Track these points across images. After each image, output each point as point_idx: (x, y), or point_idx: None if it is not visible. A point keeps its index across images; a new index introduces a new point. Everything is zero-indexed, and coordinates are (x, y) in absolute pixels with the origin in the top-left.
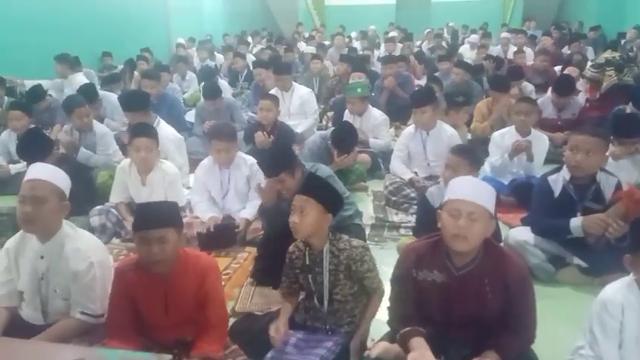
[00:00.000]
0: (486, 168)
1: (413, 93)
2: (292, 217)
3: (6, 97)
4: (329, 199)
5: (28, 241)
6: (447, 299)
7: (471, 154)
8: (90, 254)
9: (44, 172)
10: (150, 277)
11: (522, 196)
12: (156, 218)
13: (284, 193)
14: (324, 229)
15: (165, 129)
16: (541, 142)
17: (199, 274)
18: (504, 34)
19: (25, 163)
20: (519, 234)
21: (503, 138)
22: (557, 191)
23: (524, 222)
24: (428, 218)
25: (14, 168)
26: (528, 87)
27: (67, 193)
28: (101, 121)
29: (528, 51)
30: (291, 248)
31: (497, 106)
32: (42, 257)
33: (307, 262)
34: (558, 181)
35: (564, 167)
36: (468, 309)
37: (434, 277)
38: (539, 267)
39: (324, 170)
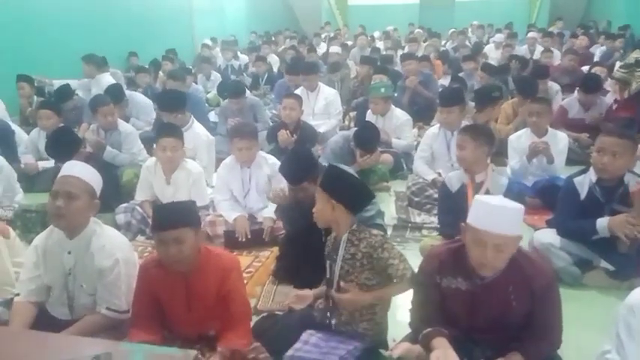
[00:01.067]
0: (507, 171)
1: (441, 92)
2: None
3: (35, 97)
4: (345, 193)
5: (56, 237)
6: (471, 306)
7: (479, 132)
8: (115, 251)
9: (78, 170)
10: (172, 274)
11: (547, 197)
12: (171, 219)
13: (305, 200)
14: (342, 218)
15: (199, 128)
16: (559, 141)
17: (221, 273)
18: (531, 34)
19: (52, 160)
20: (544, 236)
21: (520, 140)
22: (583, 193)
23: (550, 224)
24: (447, 203)
25: (42, 164)
26: (554, 87)
27: (98, 192)
28: (127, 120)
29: (555, 52)
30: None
31: (522, 109)
32: (69, 253)
33: (327, 253)
34: (585, 183)
35: (591, 169)
36: (491, 315)
37: (457, 285)
38: (565, 270)
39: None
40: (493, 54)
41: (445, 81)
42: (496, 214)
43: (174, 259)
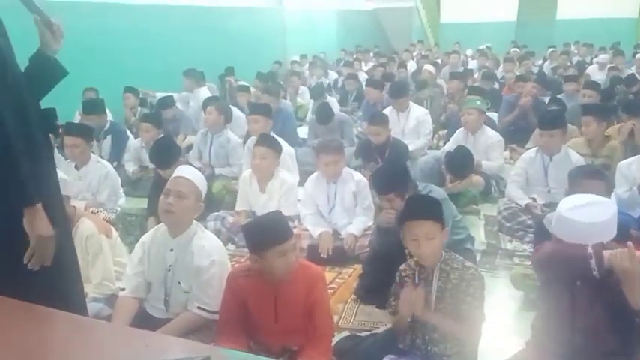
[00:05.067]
0: (613, 200)
1: (542, 114)
2: (420, 246)
3: (139, 108)
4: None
5: (161, 235)
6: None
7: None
8: (213, 252)
9: (190, 173)
10: (261, 284)
11: None
12: (287, 228)
13: (391, 215)
14: (440, 247)
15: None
16: None
17: (308, 283)
18: (639, 56)
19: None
20: None
21: (630, 168)
22: None
23: None
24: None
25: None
26: None
27: (203, 196)
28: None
29: None
30: (402, 266)
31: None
32: (171, 250)
33: (417, 281)
34: None
35: None
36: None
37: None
38: None
39: (438, 192)
40: (597, 75)
41: None
42: (585, 231)
43: (293, 266)
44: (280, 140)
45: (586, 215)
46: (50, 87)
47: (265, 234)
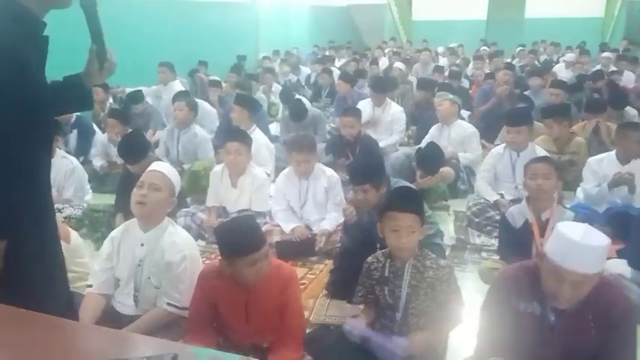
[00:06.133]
0: (579, 195)
1: (509, 111)
2: (401, 238)
3: (109, 102)
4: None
5: (132, 230)
6: (546, 335)
7: (556, 164)
8: (184, 248)
9: (164, 167)
10: (232, 287)
11: (619, 226)
12: (255, 240)
13: (363, 206)
14: (417, 242)
15: (260, 136)
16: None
17: (281, 284)
18: (605, 54)
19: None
20: (615, 267)
21: (601, 165)
22: None
23: (621, 254)
24: (509, 240)
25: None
26: (631, 112)
27: (177, 192)
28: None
29: (629, 74)
30: (370, 259)
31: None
32: (142, 245)
33: (386, 274)
34: None
35: None
36: (568, 346)
37: (533, 309)
38: (635, 303)
39: None
40: (563, 73)
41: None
42: (580, 252)
43: (259, 275)
44: (259, 132)
45: (597, 239)
46: (69, 112)
47: (235, 245)
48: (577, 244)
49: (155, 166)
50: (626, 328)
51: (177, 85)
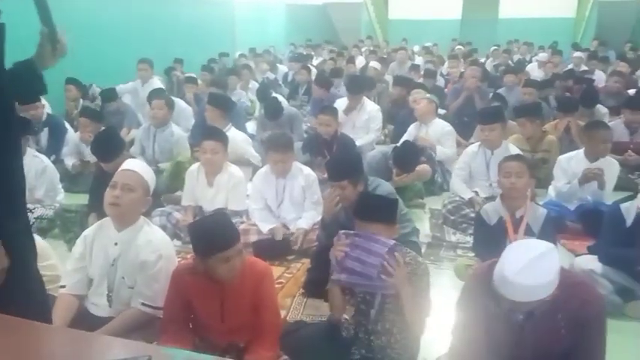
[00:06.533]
0: (551, 193)
1: (481, 109)
2: None
3: (82, 100)
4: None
5: (106, 229)
6: (517, 335)
7: (528, 161)
8: (160, 247)
9: (138, 166)
10: (207, 283)
11: (589, 223)
12: (228, 236)
13: (341, 202)
14: None
15: (236, 134)
16: (612, 167)
17: (255, 281)
18: (577, 54)
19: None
20: (585, 263)
21: (570, 162)
22: (629, 220)
23: (592, 250)
24: (484, 236)
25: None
26: (602, 109)
27: (152, 190)
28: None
29: (600, 73)
30: None
31: (575, 128)
32: (116, 244)
33: None
34: (631, 209)
35: (639, 195)
36: (539, 345)
37: (502, 309)
38: (606, 299)
39: (385, 187)
40: (536, 73)
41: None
42: (513, 287)
43: (237, 272)
44: (235, 131)
45: (533, 276)
46: (21, 101)
47: (208, 241)
48: (507, 280)
49: (128, 164)
50: (597, 328)
51: (156, 83)
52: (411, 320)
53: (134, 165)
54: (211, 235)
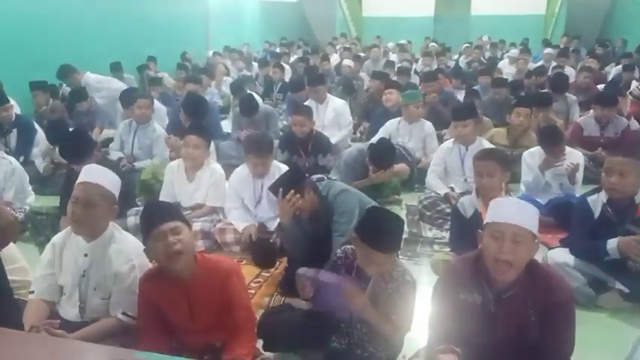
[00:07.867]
0: (522, 187)
1: (454, 106)
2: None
3: (51, 100)
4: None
5: (74, 237)
6: (488, 322)
7: (503, 157)
8: (132, 257)
9: (96, 176)
10: (172, 285)
11: (561, 216)
12: (166, 212)
13: (296, 211)
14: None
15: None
16: (575, 160)
17: (221, 279)
18: (547, 50)
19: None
20: (558, 255)
21: (534, 157)
22: (597, 212)
23: (564, 243)
24: (461, 229)
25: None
26: (572, 97)
27: (117, 194)
28: None
29: (570, 69)
30: (339, 252)
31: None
32: (86, 255)
33: (353, 275)
34: (598, 202)
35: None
36: (510, 333)
37: (474, 299)
38: (579, 290)
39: (337, 186)
40: (507, 69)
41: (460, 96)
42: (513, 207)
43: (175, 249)
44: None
45: (519, 204)
46: None
47: (143, 216)
48: (506, 201)
49: (87, 175)
50: (566, 316)
51: (119, 83)
52: (387, 335)
53: (94, 175)
54: (146, 212)
